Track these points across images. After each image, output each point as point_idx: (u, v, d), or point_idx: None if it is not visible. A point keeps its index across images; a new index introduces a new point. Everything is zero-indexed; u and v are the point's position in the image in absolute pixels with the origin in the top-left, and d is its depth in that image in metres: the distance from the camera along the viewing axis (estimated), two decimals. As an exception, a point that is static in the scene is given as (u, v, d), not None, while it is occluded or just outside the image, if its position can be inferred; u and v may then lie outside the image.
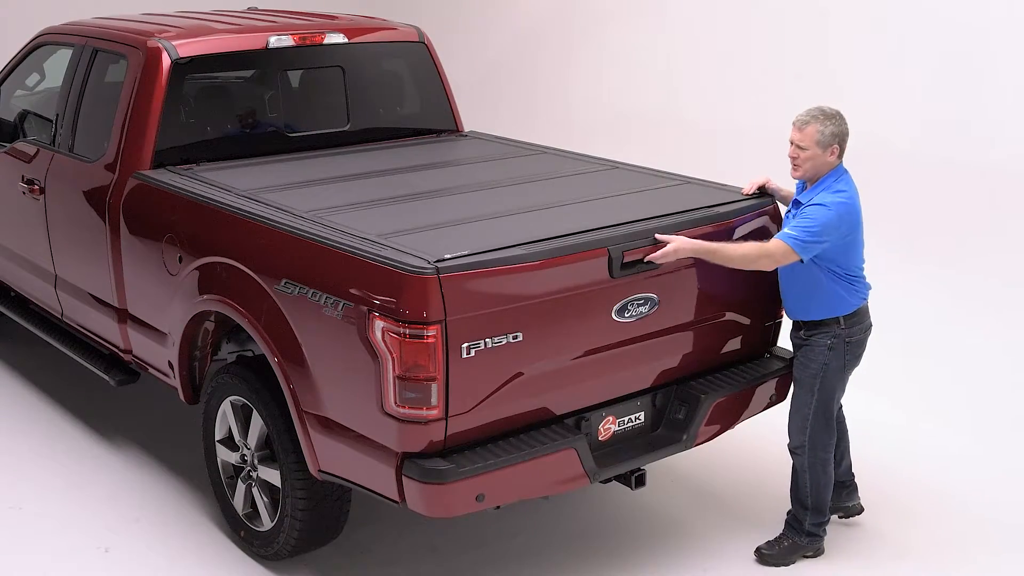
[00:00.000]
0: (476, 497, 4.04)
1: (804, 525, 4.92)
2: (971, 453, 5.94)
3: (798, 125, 4.60)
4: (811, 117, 4.58)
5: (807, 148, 4.56)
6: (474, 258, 4.04)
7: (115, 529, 5.19)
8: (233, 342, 5.16)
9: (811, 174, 4.63)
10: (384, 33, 6.32)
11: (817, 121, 4.56)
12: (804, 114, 4.61)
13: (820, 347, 4.72)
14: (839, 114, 4.61)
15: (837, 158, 4.61)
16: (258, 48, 5.77)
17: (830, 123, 4.56)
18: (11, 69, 6.63)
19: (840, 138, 4.58)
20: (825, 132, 4.55)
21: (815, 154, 4.57)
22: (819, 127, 4.55)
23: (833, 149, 4.58)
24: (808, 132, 4.56)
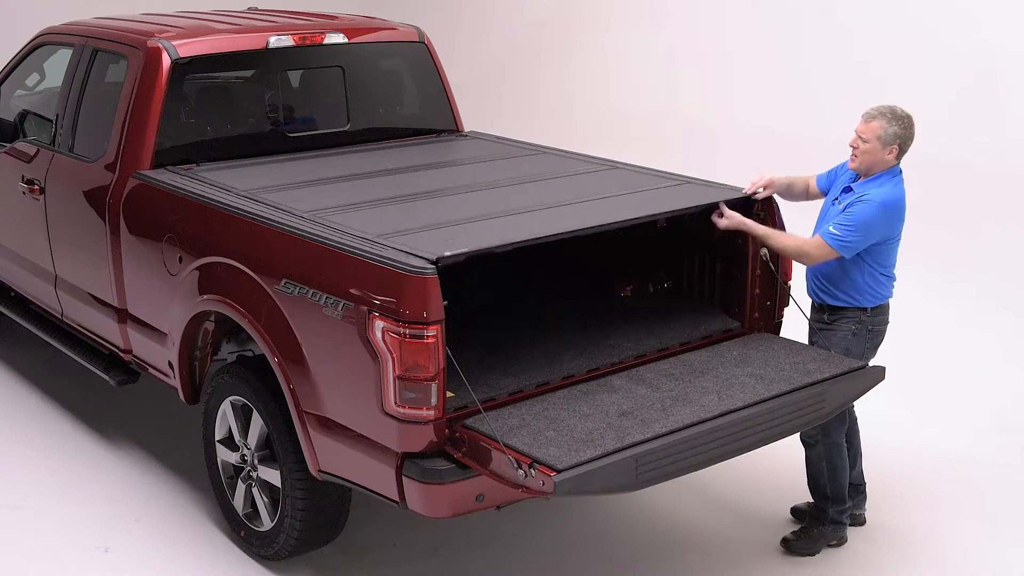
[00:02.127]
0: (476, 497, 4.04)
1: (827, 514, 4.98)
2: (970, 453, 5.94)
3: (866, 118, 4.68)
4: (879, 113, 4.66)
5: (868, 141, 4.65)
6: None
7: (115, 529, 5.19)
8: (233, 342, 5.15)
9: (865, 167, 4.70)
10: (384, 33, 6.32)
11: (884, 119, 4.64)
12: (874, 108, 4.69)
13: (844, 332, 4.79)
14: (909, 118, 4.68)
15: (895, 158, 4.68)
16: (258, 48, 5.76)
17: (896, 124, 4.63)
18: (11, 69, 6.63)
19: (902, 140, 4.65)
20: (889, 131, 4.62)
21: (874, 149, 4.64)
22: (885, 124, 4.63)
23: (892, 149, 4.64)
24: (873, 126, 4.64)
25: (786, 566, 4.93)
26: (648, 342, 4.77)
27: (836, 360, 4.60)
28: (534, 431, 3.95)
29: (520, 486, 3.79)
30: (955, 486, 5.62)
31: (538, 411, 4.12)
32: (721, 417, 4.11)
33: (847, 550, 5.03)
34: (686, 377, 4.44)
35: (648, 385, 4.36)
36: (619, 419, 4.05)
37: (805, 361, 4.57)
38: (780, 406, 4.25)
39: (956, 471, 5.76)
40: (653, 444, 3.90)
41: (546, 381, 4.41)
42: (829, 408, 4.42)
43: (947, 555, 5.04)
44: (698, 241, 5.20)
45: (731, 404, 4.19)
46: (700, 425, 4.04)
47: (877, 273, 4.76)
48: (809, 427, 4.50)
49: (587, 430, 3.96)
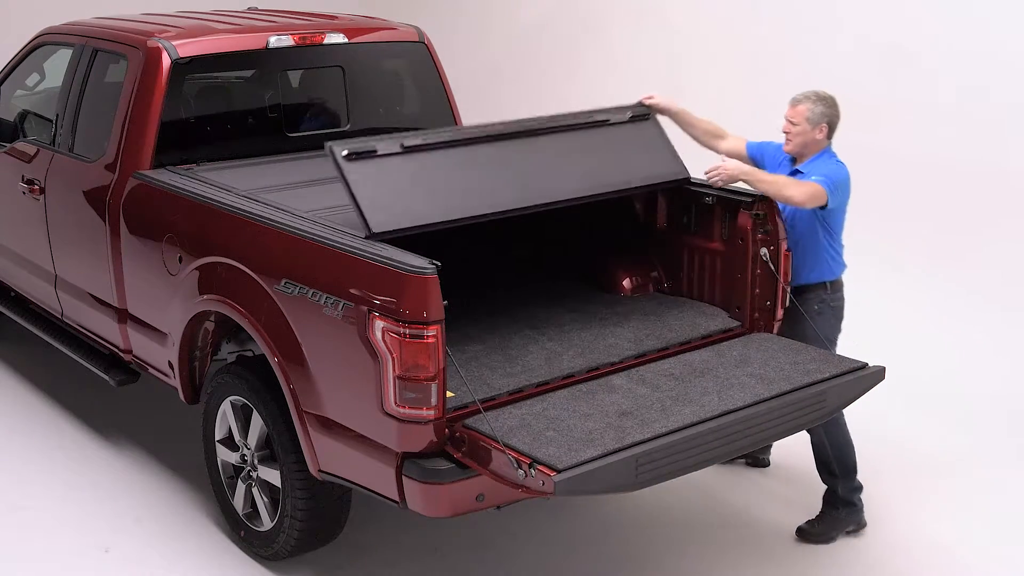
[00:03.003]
0: (476, 497, 4.04)
1: (838, 494, 5.06)
2: (971, 452, 5.94)
3: (792, 103, 5.01)
4: (804, 97, 4.99)
5: (798, 123, 4.97)
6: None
7: (115, 529, 5.19)
8: (233, 342, 5.16)
9: (800, 148, 5.01)
10: (384, 33, 6.32)
11: (809, 101, 4.96)
12: (799, 94, 5.02)
13: (810, 314, 4.96)
14: (832, 99, 4.99)
15: (826, 137, 4.99)
16: (258, 48, 5.76)
17: (821, 104, 4.95)
18: (11, 69, 6.63)
19: (830, 119, 4.97)
20: (816, 110, 4.94)
21: (805, 129, 4.95)
22: (811, 105, 4.95)
23: (822, 128, 4.95)
24: (800, 109, 4.97)
25: (786, 566, 4.93)
26: (648, 342, 4.78)
27: (836, 360, 4.60)
28: (534, 431, 3.95)
29: (520, 486, 3.79)
30: (955, 486, 5.62)
31: (538, 411, 4.12)
32: (721, 417, 4.11)
33: (847, 550, 5.03)
34: (686, 377, 4.44)
35: (648, 385, 4.36)
36: (619, 419, 4.05)
37: (805, 361, 4.58)
38: (780, 406, 4.25)
39: (956, 471, 5.76)
40: (653, 444, 3.90)
41: (546, 381, 4.41)
42: (829, 408, 4.42)
43: (947, 555, 5.04)
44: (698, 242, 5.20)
45: (731, 404, 4.19)
46: (700, 425, 4.04)
47: (835, 243, 5.04)
48: (809, 427, 4.51)
49: (587, 430, 3.96)
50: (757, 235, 4.91)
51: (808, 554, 5.02)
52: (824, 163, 4.95)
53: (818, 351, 4.70)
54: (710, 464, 4.15)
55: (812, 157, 4.99)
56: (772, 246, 4.90)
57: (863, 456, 5.15)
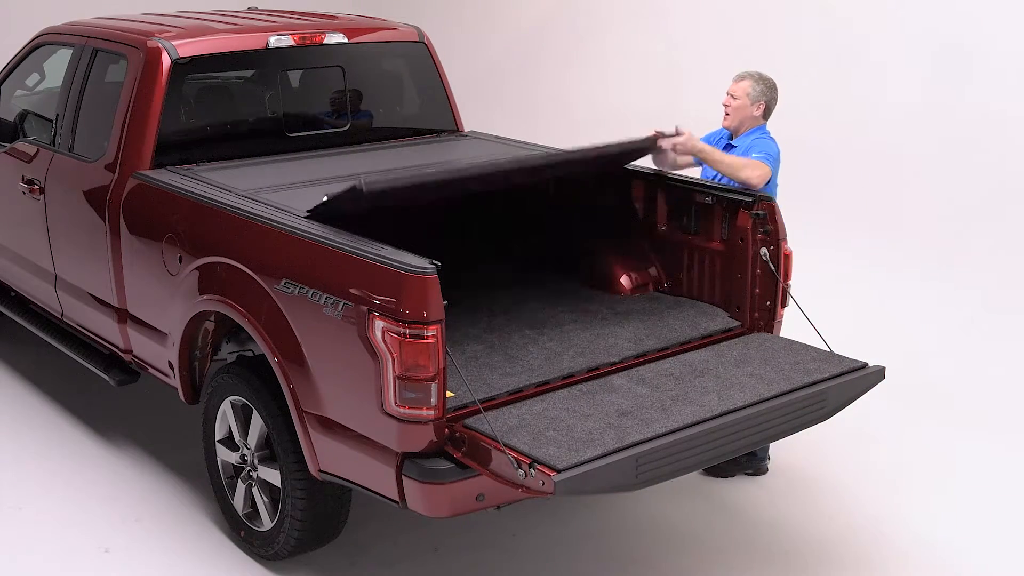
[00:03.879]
0: (476, 497, 4.04)
1: None
2: (971, 453, 5.94)
3: (735, 79, 5.36)
4: (747, 75, 5.35)
5: (739, 99, 5.32)
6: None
7: (115, 529, 5.19)
8: (233, 342, 5.15)
9: (737, 123, 5.35)
10: (384, 33, 6.32)
11: (751, 79, 5.33)
12: (743, 71, 5.37)
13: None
14: (773, 82, 5.37)
15: (762, 116, 5.34)
16: (258, 48, 5.76)
17: (761, 83, 5.32)
18: (11, 69, 6.63)
19: (768, 99, 5.33)
20: (756, 88, 5.31)
21: (744, 105, 5.31)
22: (752, 83, 5.32)
23: (759, 106, 5.32)
24: (742, 85, 5.33)
25: (786, 566, 4.93)
26: (648, 342, 4.78)
27: (836, 360, 4.60)
28: (534, 431, 3.95)
29: (520, 486, 3.79)
30: (955, 486, 5.62)
31: (538, 411, 4.12)
32: (721, 417, 4.11)
33: (847, 550, 5.03)
34: (686, 377, 4.44)
35: (648, 385, 4.36)
36: (619, 419, 4.06)
37: (805, 361, 4.58)
38: (780, 406, 4.25)
39: (956, 471, 5.76)
40: (653, 444, 3.90)
41: (546, 381, 4.41)
42: (829, 408, 4.42)
43: (947, 555, 5.04)
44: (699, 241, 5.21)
45: (731, 404, 4.19)
46: (700, 425, 4.04)
47: None
48: (809, 427, 4.51)
49: (587, 430, 3.96)
50: (757, 235, 4.92)
51: (808, 555, 5.02)
52: (758, 140, 5.24)
53: (818, 351, 4.70)
54: (711, 464, 4.15)
55: (746, 132, 5.32)
56: (772, 246, 4.90)
57: (863, 456, 5.15)
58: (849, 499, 5.47)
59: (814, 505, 5.41)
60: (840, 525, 5.23)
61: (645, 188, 5.44)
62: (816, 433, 4.78)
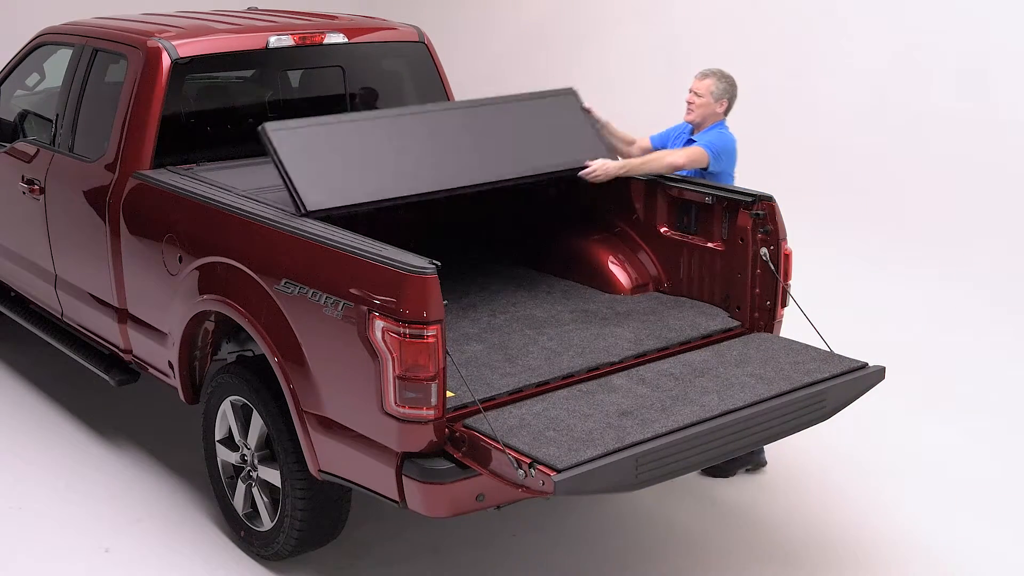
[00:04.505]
0: (476, 497, 4.04)
1: None
2: (971, 453, 5.94)
3: (699, 77, 5.50)
4: (711, 72, 5.50)
5: (703, 96, 5.45)
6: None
7: (115, 529, 5.19)
8: (233, 342, 5.16)
9: (701, 119, 5.48)
10: (384, 33, 6.32)
11: (715, 76, 5.47)
12: (706, 69, 5.52)
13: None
14: (734, 80, 5.52)
15: (724, 112, 5.49)
16: (258, 48, 5.76)
17: (724, 81, 5.47)
18: (11, 69, 6.63)
19: (730, 96, 5.48)
20: (719, 86, 5.45)
21: (708, 102, 5.44)
22: (716, 81, 5.45)
23: (722, 103, 5.47)
24: (706, 83, 5.47)
25: (785, 567, 4.93)
26: (648, 342, 4.78)
27: (836, 360, 4.60)
28: (534, 431, 3.95)
29: (520, 486, 3.79)
30: (955, 486, 5.62)
31: (538, 411, 4.12)
32: (721, 417, 4.11)
33: (847, 550, 5.03)
34: (686, 377, 4.44)
35: (648, 385, 4.36)
36: (619, 419, 4.05)
37: (805, 361, 4.58)
38: (780, 406, 4.25)
39: (956, 471, 5.76)
40: (653, 444, 3.90)
41: (546, 381, 4.41)
42: (829, 408, 4.42)
43: (946, 555, 5.03)
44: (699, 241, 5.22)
45: (731, 404, 4.19)
46: (700, 425, 4.04)
47: None
48: (809, 427, 4.51)
49: (587, 430, 3.96)
50: (757, 235, 4.92)
51: (807, 554, 5.02)
52: (713, 133, 5.43)
53: (818, 351, 4.70)
54: (711, 464, 4.15)
55: (706, 128, 5.47)
56: (772, 246, 4.90)
57: (863, 456, 5.15)
58: (849, 499, 5.47)
59: (814, 505, 5.40)
60: (840, 525, 5.23)
61: (645, 188, 5.44)
62: (816, 433, 4.78)
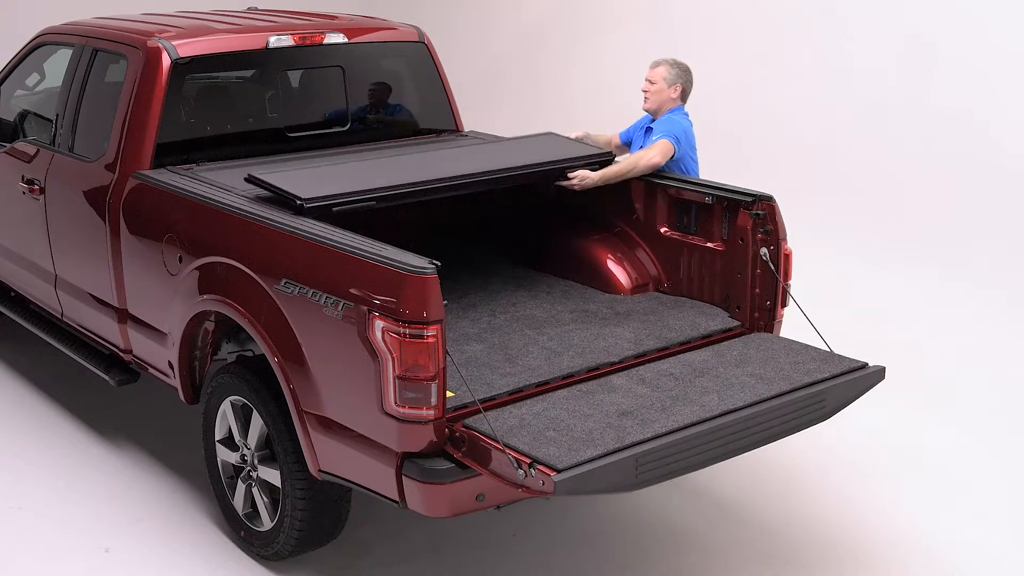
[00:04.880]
0: (476, 497, 4.04)
1: None
2: (971, 453, 5.94)
3: (652, 66, 5.73)
4: (663, 61, 5.72)
5: (656, 83, 5.69)
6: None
7: (115, 529, 5.19)
8: (233, 342, 5.16)
9: (657, 105, 5.70)
10: (384, 33, 6.32)
11: (667, 64, 5.70)
12: (658, 59, 5.74)
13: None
14: (688, 68, 5.73)
15: (679, 99, 5.70)
16: (258, 48, 5.76)
17: (677, 68, 5.69)
18: (11, 69, 6.63)
19: (684, 82, 5.69)
20: (672, 72, 5.68)
21: (662, 88, 5.67)
22: (668, 68, 5.69)
23: (676, 88, 5.67)
24: (659, 71, 5.70)
25: (784, 566, 4.93)
26: (648, 342, 4.78)
27: (836, 360, 4.60)
28: (534, 431, 3.95)
29: (520, 486, 3.79)
30: (954, 486, 5.62)
31: (538, 411, 4.12)
32: (721, 417, 4.11)
33: (847, 550, 5.03)
34: (686, 377, 4.44)
35: (648, 385, 4.36)
36: (619, 419, 4.06)
37: (805, 361, 4.58)
38: (780, 406, 4.25)
39: (956, 471, 5.76)
40: (653, 444, 3.90)
41: (546, 381, 4.41)
42: (829, 408, 4.42)
43: (946, 556, 5.04)
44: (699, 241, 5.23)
45: (731, 404, 4.19)
46: (700, 425, 4.04)
47: None
48: (809, 427, 4.51)
49: (587, 430, 3.96)
50: (757, 235, 4.92)
51: (807, 554, 5.02)
52: (669, 120, 5.62)
53: (818, 351, 4.70)
54: (711, 464, 4.15)
55: (666, 113, 5.67)
56: (772, 246, 4.90)
57: (863, 456, 5.14)
58: (849, 499, 5.47)
59: (814, 505, 5.41)
60: (839, 525, 5.23)
61: (645, 188, 5.44)
62: (816, 433, 4.78)
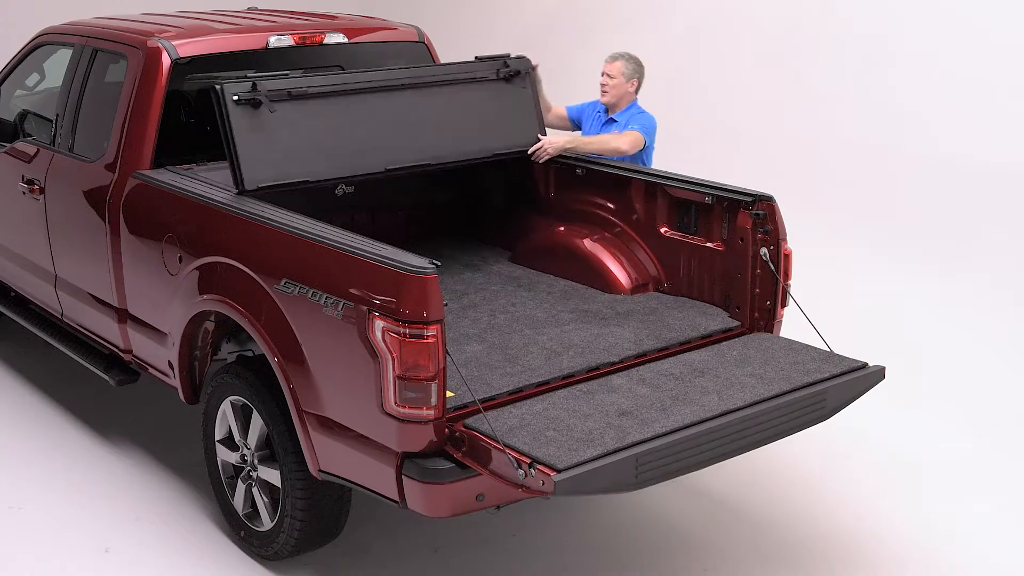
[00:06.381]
0: (476, 497, 4.04)
1: None
2: (971, 453, 5.94)
3: (609, 60, 5.96)
4: (619, 55, 5.96)
5: (615, 77, 5.93)
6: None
7: (115, 529, 5.19)
8: (233, 342, 5.16)
9: (616, 99, 5.96)
10: (384, 33, 6.32)
11: (624, 59, 5.94)
12: (615, 52, 5.98)
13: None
14: (641, 61, 5.98)
15: (634, 93, 5.96)
16: (258, 48, 5.76)
17: (633, 62, 5.96)
18: (11, 69, 6.63)
19: (639, 76, 5.96)
20: (629, 67, 5.94)
21: (620, 83, 5.93)
22: (625, 62, 5.92)
23: (633, 82, 5.96)
24: (617, 65, 5.94)
25: (785, 566, 4.93)
26: (648, 342, 4.78)
27: (836, 360, 4.60)
28: (534, 431, 3.95)
29: (520, 486, 3.79)
30: (954, 486, 5.62)
31: (538, 411, 4.13)
32: (721, 417, 4.11)
33: (847, 550, 5.03)
34: (686, 377, 4.44)
35: (648, 385, 4.36)
36: (619, 419, 4.06)
37: (805, 361, 4.58)
38: (780, 406, 4.25)
39: (956, 471, 5.76)
40: (653, 444, 3.90)
41: (546, 381, 4.41)
42: (829, 408, 4.42)
43: (946, 555, 5.04)
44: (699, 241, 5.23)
45: (731, 404, 4.19)
46: (700, 425, 4.04)
47: None
48: (809, 427, 4.52)
49: (587, 430, 3.96)
50: (757, 235, 4.92)
51: (807, 555, 5.02)
52: (636, 114, 5.86)
53: (818, 351, 4.70)
54: (711, 464, 4.15)
55: (623, 108, 5.92)
56: (772, 246, 4.90)
57: (863, 456, 5.14)
58: (849, 498, 5.47)
59: (814, 505, 5.41)
60: (839, 525, 5.23)
61: (645, 188, 5.44)
62: (816, 433, 4.78)
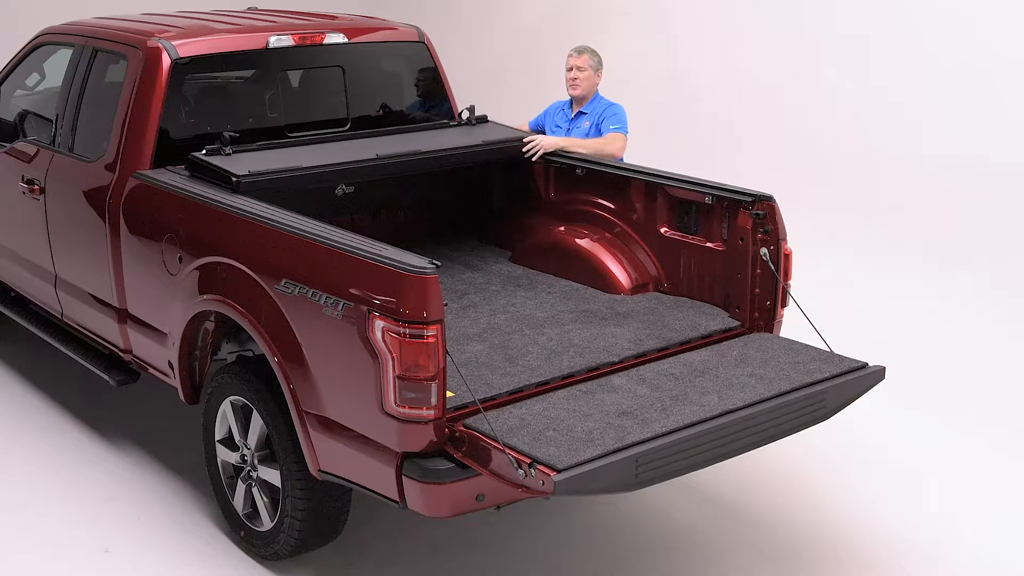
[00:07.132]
0: (476, 497, 4.04)
1: None
2: (971, 453, 5.94)
3: (575, 53, 6.20)
4: (584, 48, 6.21)
5: (585, 69, 6.17)
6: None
7: (115, 529, 5.19)
8: (233, 342, 5.16)
9: (585, 92, 6.20)
10: (384, 33, 6.32)
11: (588, 51, 6.20)
12: (579, 46, 6.21)
13: None
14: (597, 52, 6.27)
15: (598, 84, 6.20)
16: (258, 48, 5.76)
17: (596, 55, 6.22)
18: (11, 69, 6.63)
19: (602, 66, 6.23)
20: (595, 58, 6.22)
21: (590, 74, 6.18)
22: (591, 55, 6.20)
23: (599, 73, 6.23)
24: (584, 58, 6.18)
25: (785, 566, 4.93)
26: (648, 342, 4.78)
27: (836, 360, 4.60)
28: (534, 431, 3.95)
29: (520, 486, 3.79)
30: (954, 486, 5.62)
31: (538, 411, 4.13)
32: (721, 417, 4.11)
33: (847, 550, 5.03)
34: (686, 377, 4.44)
35: (648, 385, 4.36)
36: (619, 419, 4.06)
37: (805, 361, 4.58)
38: (780, 406, 4.25)
39: (956, 471, 5.76)
40: (653, 444, 3.90)
41: (546, 381, 4.41)
42: (829, 408, 4.42)
43: (946, 555, 5.04)
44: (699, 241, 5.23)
45: (731, 404, 4.19)
46: (700, 425, 4.04)
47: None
48: (809, 427, 4.52)
49: (587, 430, 3.96)
50: (757, 235, 4.92)
51: (808, 555, 5.02)
52: (606, 107, 6.09)
53: (818, 351, 4.70)
54: (711, 464, 4.15)
55: (590, 99, 6.16)
56: (772, 246, 4.90)
57: (862, 456, 5.14)
58: (849, 498, 5.47)
59: (814, 505, 5.41)
60: (839, 525, 5.23)
61: (645, 188, 5.44)
62: (816, 433, 4.78)
